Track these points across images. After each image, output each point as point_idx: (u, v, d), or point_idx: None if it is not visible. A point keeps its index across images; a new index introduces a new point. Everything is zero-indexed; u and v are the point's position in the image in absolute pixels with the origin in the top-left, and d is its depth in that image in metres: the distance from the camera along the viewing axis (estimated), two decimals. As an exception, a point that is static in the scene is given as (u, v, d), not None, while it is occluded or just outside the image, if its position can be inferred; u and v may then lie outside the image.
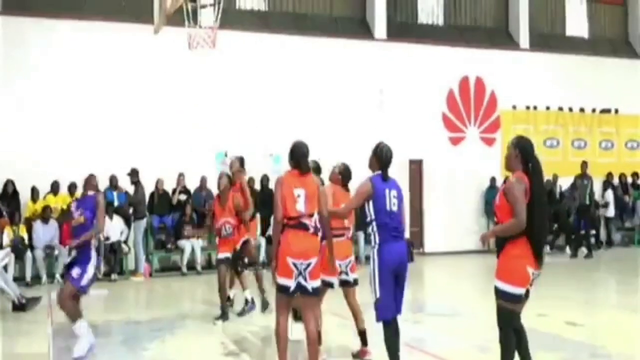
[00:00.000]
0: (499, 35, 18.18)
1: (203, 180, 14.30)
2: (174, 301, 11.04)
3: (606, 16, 19.66)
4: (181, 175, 14.15)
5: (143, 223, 13.34)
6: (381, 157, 6.02)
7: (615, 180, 18.07)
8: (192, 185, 14.36)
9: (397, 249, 5.57)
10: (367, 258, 14.60)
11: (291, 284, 5.40)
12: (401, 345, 7.26)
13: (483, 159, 17.18)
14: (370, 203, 5.56)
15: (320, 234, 5.58)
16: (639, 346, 6.99)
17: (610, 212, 17.59)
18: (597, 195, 17.80)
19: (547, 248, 16.32)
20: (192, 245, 13.47)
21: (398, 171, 15.94)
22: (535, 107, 17.92)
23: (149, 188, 13.87)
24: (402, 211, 5.78)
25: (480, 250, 16.67)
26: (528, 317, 8.32)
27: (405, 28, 17.25)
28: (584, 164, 15.80)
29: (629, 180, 18.32)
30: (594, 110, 18.58)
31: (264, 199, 14.60)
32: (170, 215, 13.97)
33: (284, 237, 5.47)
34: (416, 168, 16.73)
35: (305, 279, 5.42)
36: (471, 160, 17.07)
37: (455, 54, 17.15)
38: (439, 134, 16.93)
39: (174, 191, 14.13)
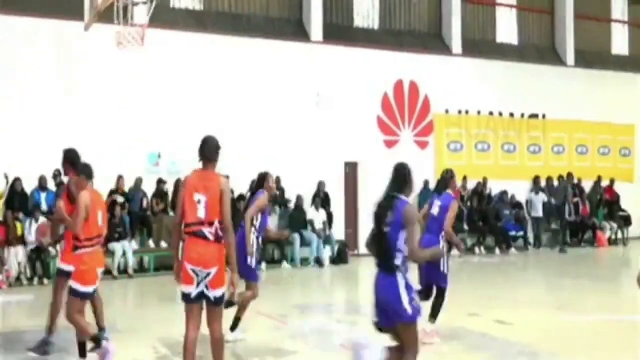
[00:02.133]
0: (432, 40, 18.53)
1: (138, 182, 14.01)
2: (104, 306, 10.72)
3: (534, 24, 20.32)
4: (120, 177, 13.82)
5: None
6: None
7: (543, 183, 18.64)
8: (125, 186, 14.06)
9: None
10: (305, 260, 14.71)
11: (192, 290, 5.22)
12: (336, 347, 7.31)
13: (417, 162, 17.16)
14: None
15: (223, 241, 5.27)
16: (564, 343, 7.23)
17: (538, 213, 18.17)
18: (523, 198, 18.42)
19: (477, 249, 16.79)
20: (124, 248, 13.16)
21: (333, 173, 16.30)
22: (467, 112, 18.32)
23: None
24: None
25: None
26: (459, 317, 8.52)
27: (341, 31, 17.37)
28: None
29: (555, 183, 18.94)
30: (522, 115, 19.11)
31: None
32: (101, 217, 13.56)
33: (185, 243, 5.33)
34: (351, 170, 16.86)
35: (207, 288, 5.22)
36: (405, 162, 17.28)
37: (390, 57, 17.36)
38: (374, 136, 17.10)
39: (110, 193, 13.76)
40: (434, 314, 7.31)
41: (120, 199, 13.64)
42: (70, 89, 13.80)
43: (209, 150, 5.45)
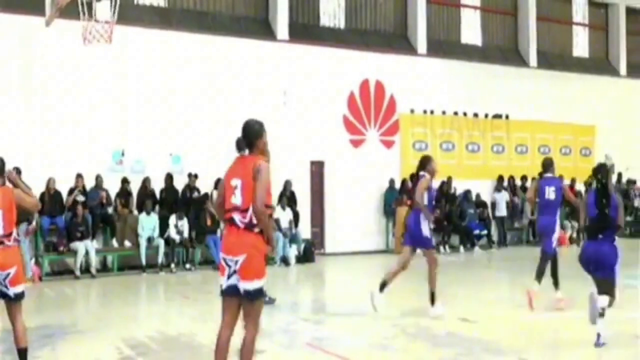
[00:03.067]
0: (398, 41, 18.62)
1: (98, 179, 13.81)
2: (65, 305, 10.57)
3: (498, 26, 20.58)
4: (80, 176, 13.58)
5: (23, 225, 12.57)
6: None
7: (506, 183, 18.88)
8: (86, 184, 13.81)
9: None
10: (271, 259, 14.64)
11: (223, 281, 4.91)
12: (302, 346, 7.30)
13: (383, 161, 17.54)
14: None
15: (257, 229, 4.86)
16: (527, 340, 7.33)
17: (502, 212, 18.40)
18: (487, 197, 18.64)
19: (441, 248, 16.93)
20: (86, 247, 12.95)
21: (299, 172, 16.29)
22: (432, 112, 18.45)
23: (40, 187, 13.20)
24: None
25: (380, 250, 17.12)
26: (424, 315, 8.58)
27: (307, 30, 17.35)
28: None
29: (518, 183, 19.21)
30: (486, 116, 19.32)
31: (167, 198, 14.36)
32: (63, 216, 13.34)
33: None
34: (317, 169, 16.85)
35: (238, 280, 4.82)
36: (371, 162, 17.38)
37: (356, 57, 17.40)
38: (340, 135, 17.12)
39: (70, 191, 13.53)
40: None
41: (81, 197, 13.41)
42: (31, 85, 13.56)
43: (247, 136, 5.22)
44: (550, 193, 9.08)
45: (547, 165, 9.51)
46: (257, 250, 4.82)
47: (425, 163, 8.78)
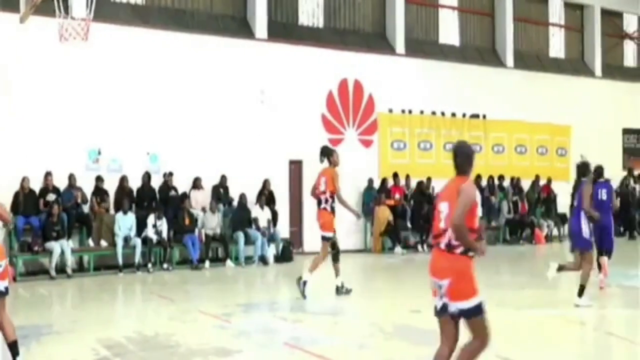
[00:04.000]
0: (376, 40, 18.67)
1: (72, 179, 13.65)
2: (40, 306, 10.44)
3: (475, 26, 20.73)
4: (49, 174, 13.41)
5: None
6: None
7: (484, 182, 19.01)
8: (61, 183, 13.65)
9: None
10: (249, 258, 14.67)
11: (436, 302, 4.92)
12: (280, 345, 7.29)
13: (361, 161, 17.54)
14: None
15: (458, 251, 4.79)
16: (504, 338, 7.38)
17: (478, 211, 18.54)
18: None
19: (420, 247, 17.00)
20: (62, 247, 12.79)
21: (278, 171, 16.25)
22: (410, 111, 18.52)
23: (13, 187, 13.05)
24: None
25: (358, 250, 17.14)
26: (402, 314, 8.61)
27: (285, 29, 17.33)
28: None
29: (496, 182, 19.37)
30: (464, 115, 19.44)
31: (144, 197, 14.27)
32: (37, 215, 13.17)
33: None
34: (296, 168, 16.82)
35: (447, 300, 4.81)
36: (350, 161, 17.17)
37: (335, 56, 17.40)
38: (319, 135, 17.00)
39: (42, 191, 13.36)
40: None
41: (51, 196, 13.25)
42: (6, 83, 13.30)
43: (459, 159, 5.10)
44: (602, 195, 10.19)
45: (600, 171, 10.61)
46: (460, 272, 4.75)
47: (584, 170, 9.51)
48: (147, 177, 14.40)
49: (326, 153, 10.09)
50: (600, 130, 21.37)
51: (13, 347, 5.94)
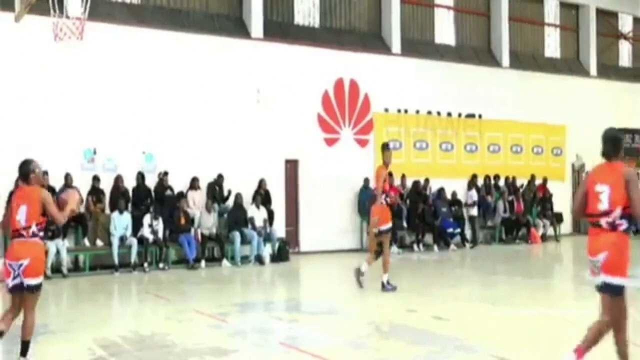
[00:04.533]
0: (372, 40, 18.67)
1: (68, 178, 13.60)
2: (36, 306, 10.39)
3: (471, 26, 20.75)
4: (45, 173, 13.35)
5: None
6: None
7: (480, 182, 19.04)
8: (57, 183, 13.58)
9: None
10: (245, 258, 14.71)
11: (592, 279, 5.19)
12: (276, 345, 7.29)
13: (357, 160, 17.57)
14: None
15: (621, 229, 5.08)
16: (498, 337, 7.40)
17: (474, 211, 18.58)
18: (462, 196, 18.81)
19: (415, 246, 17.03)
20: (57, 247, 12.77)
21: (273, 171, 16.27)
22: (406, 111, 18.54)
23: (8, 187, 12.99)
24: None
25: (354, 249, 17.16)
26: (398, 313, 8.63)
27: (281, 28, 17.32)
28: None
29: (492, 181, 19.40)
30: (459, 115, 19.46)
31: (138, 197, 14.25)
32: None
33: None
34: (292, 167, 16.84)
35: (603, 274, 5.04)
36: (346, 160, 17.42)
37: (331, 56, 17.42)
38: (315, 134, 17.12)
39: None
40: None
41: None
42: (0, 82, 13.29)
43: (609, 145, 5.42)
44: None
45: None
46: (617, 248, 5.04)
47: None
48: (140, 177, 14.40)
49: (382, 150, 10.50)
50: (596, 130, 21.03)
51: (24, 346, 6.03)
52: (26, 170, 6.24)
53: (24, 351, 6.04)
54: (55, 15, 10.93)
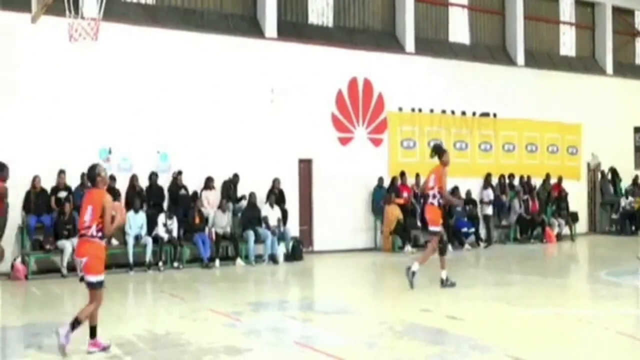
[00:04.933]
0: (386, 39, 18.62)
1: (84, 178, 13.69)
2: (52, 304, 10.52)
3: (485, 24, 20.63)
4: (62, 172, 13.51)
5: None
6: None
7: (494, 181, 18.94)
8: (72, 182, 13.72)
9: None
10: (259, 257, 14.77)
11: None
12: (290, 344, 7.30)
13: (371, 159, 17.55)
14: None
15: None
16: (513, 336, 7.37)
17: (489, 210, 18.49)
18: (476, 195, 18.73)
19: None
20: (73, 245, 12.80)
21: (287, 170, 16.29)
22: (420, 110, 18.49)
23: (25, 185, 13.15)
24: None
25: (368, 248, 17.15)
26: (412, 313, 8.61)
27: (295, 28, 17.33)
28: None
29: (506, 181, 19.29)
30: (474, 114, 19.38)
31: (151, 196, 14.32)
32: (49, 214, 13.27)
33: None
34: (305, 167, 16.85)
35: None
36: (359, 160, 17.38)
37: (345, 55, 17.40)
38: (329, 133, 17.11)
39: (53, 189, 13.45)
40: None
41: (63, 194, 13.35)
42: (16, 82, 13.39)
43: None
44: None
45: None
46: None
47: None
48: (154, 176, 14.48)
49: (438, 152, 10.73)
50: (612, 129, 21.27)
51: (92, 330, 6.76)
52: (93, 174, 6.80)
53: (91, 334, 6.73)
54: (71, 16, 10.99)
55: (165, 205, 14.47)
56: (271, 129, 16.13)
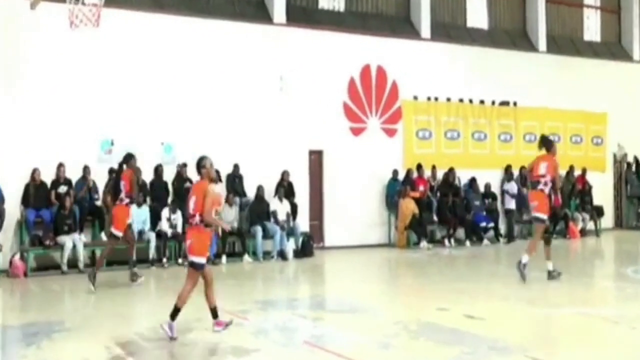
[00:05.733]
0: (400, 24, 18.51)
1: (85, 171, 13.79)
2: (52, 302, 10.56)
3: (505, 8, 20.44)
4: (61, 165, 13.55)
5: None
6: None
7: (515, 173, 18.77)
8: (73, 175, 13.77)
9: None
10: (267, 253, 14.74)
11: None
12: (300, 343, 7.29)
13: (385, 151, 17.50)
14: None
15: None
16: (534, 337, 7.33)
17: (512, 204, 18.33)
18: (496, 188, 18.63)
19: (446, 241, 16.89)
20: (74, 241, 12.92)
21: (297, 162, 16.25)
22: (436, 98, 18.39)
23: (24, 179, 13.22)
24: None
25: (381, 244, 17.10)
26: (428, 312, 8.58)
27: (305, 13, 17.25)
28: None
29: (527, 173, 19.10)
30: (493, 103, 19.27)
31: (157, 190, 14.33)
32: (49, 208, 13.32)
33: None
34: (316, 159, 16.80)
35: None
36: (373, 151, 17.33)
37: (357, 41, 17.33)
38: (340, 123, 17.06)
39: (53, 183, 13.51)
40: None
41: (63, 188, 13.43)
42: (15, 70, 13.41)
43: None
44: None
45: None
46: None
47: None
48: (158, 169, 14.49)
49: (546, 144, 11.20)
50: (639, 118, 21.06)
51: (213, 312, 7.61)
52: (198, 166, 7.66)
53: (172, 314, 7.24)
54: (71, 2, 10.99)
55: (169, 199, 14.48)
56: (280, 119, 16.10)
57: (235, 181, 15.33)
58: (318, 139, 16.63)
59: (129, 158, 11.28)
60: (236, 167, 15.35)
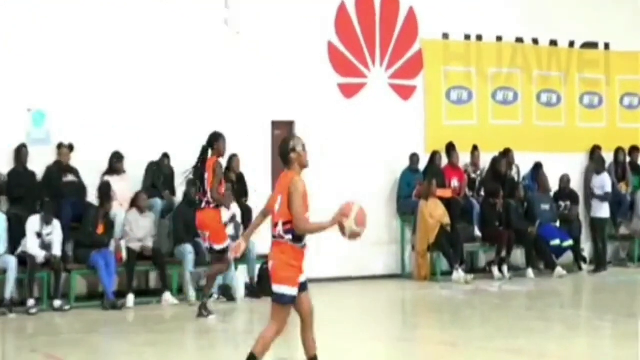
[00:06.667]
0: None
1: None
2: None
3: None
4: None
5: None
6: None
7: (607, 159, 18.52)
8: None
9: None
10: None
11: None
12: None
13: (396, 122, 17.35)
14: None
15: None
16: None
17: (603, 211, 17.91)
18: (577, 183, 18.44)
19: (496, 269, 16.47)
20: None
21: (255, 138, 15.78)
22: (479, 37, 18.43)
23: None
24: None
25: (391, 275, 16.59)
26: None
27: None
28: None
29: (627, 158, 19.02)
30: (571, 45, 19.28)
31: (16, 186, 14.43)
32: None
33: None
34: (283, 134, 16.21)
35: None
36: (376, 123, 17.17)
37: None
38: (323, 78, 17.05)
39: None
40: None
41: None
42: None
43: None
44: None
45: None
46: None
47: None
48: (24, 149, 14.52)
49: None
50: None
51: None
52: (284, 151, 7.87)
53: None
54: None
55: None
56: (227, 75, 15.95)
57: (158, 176, 15.40)
58: (287, 103, 16.55)
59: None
60: (165, 157, 15.45)
